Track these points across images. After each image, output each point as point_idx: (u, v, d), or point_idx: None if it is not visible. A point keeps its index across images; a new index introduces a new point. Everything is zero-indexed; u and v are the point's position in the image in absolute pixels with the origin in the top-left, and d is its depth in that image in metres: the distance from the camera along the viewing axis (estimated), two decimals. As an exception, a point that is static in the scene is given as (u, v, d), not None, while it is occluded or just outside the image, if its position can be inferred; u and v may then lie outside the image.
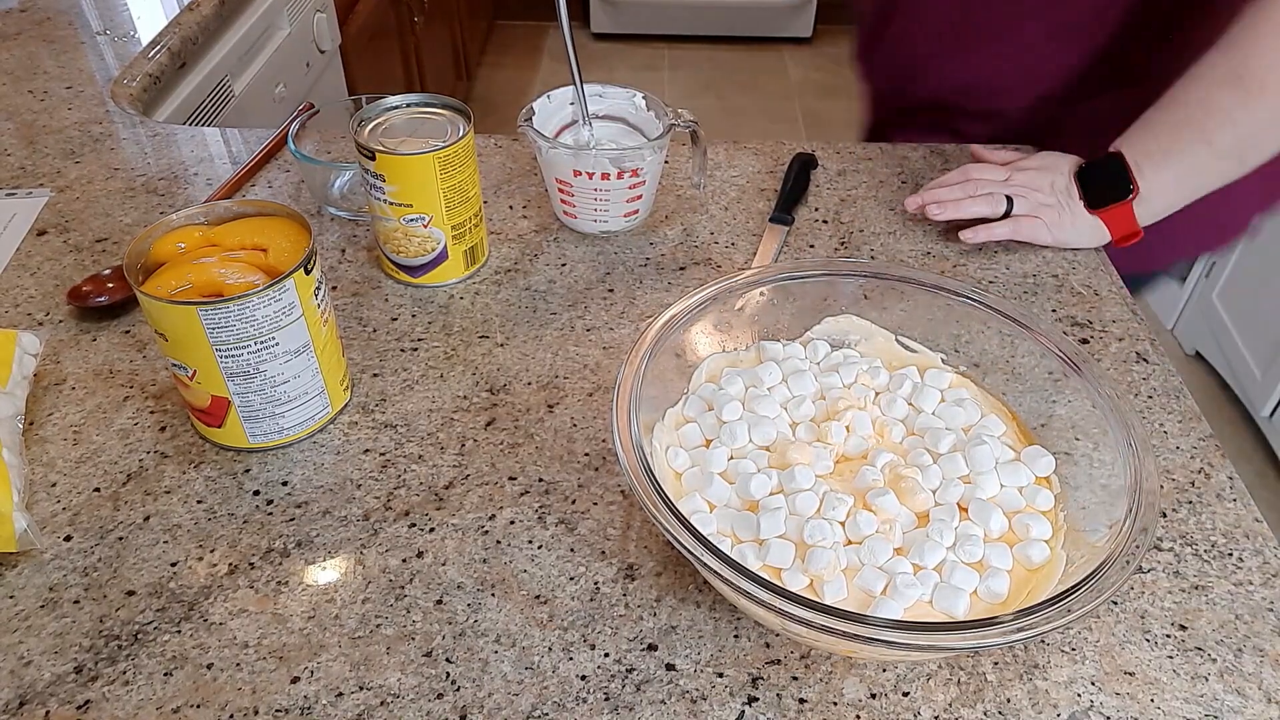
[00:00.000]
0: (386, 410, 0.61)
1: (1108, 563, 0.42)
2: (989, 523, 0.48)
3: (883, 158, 0.86)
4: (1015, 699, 0.46)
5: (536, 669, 0.47)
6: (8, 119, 0.91)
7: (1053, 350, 0.54)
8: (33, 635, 0.48)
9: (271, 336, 0.53)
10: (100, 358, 0.64)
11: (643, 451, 0.47)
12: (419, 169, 0.64)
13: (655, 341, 0.53)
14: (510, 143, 0.87)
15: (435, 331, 0.67)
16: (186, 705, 0.46)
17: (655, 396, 0.53)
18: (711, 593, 0.51)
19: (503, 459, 0.58)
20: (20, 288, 0.70)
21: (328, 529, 0.54)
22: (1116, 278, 0.72)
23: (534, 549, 0.53)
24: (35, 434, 0.59)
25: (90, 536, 0.53)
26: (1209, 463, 0.58)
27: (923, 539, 0.47)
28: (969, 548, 0.47)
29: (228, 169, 0.84)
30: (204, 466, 0.57)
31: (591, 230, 0.76)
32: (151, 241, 0.55)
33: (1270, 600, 0.51)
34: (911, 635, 0.40)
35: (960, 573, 0.46)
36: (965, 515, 0.49)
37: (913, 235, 0.77)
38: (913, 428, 0.54)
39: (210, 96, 1.11)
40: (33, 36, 1.06)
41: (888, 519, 0.48)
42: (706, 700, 0.46)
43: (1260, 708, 0.46)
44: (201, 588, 0.51)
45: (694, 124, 0.73)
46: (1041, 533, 0.48)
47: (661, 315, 0.54)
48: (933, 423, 0.54)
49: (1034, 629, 0.40)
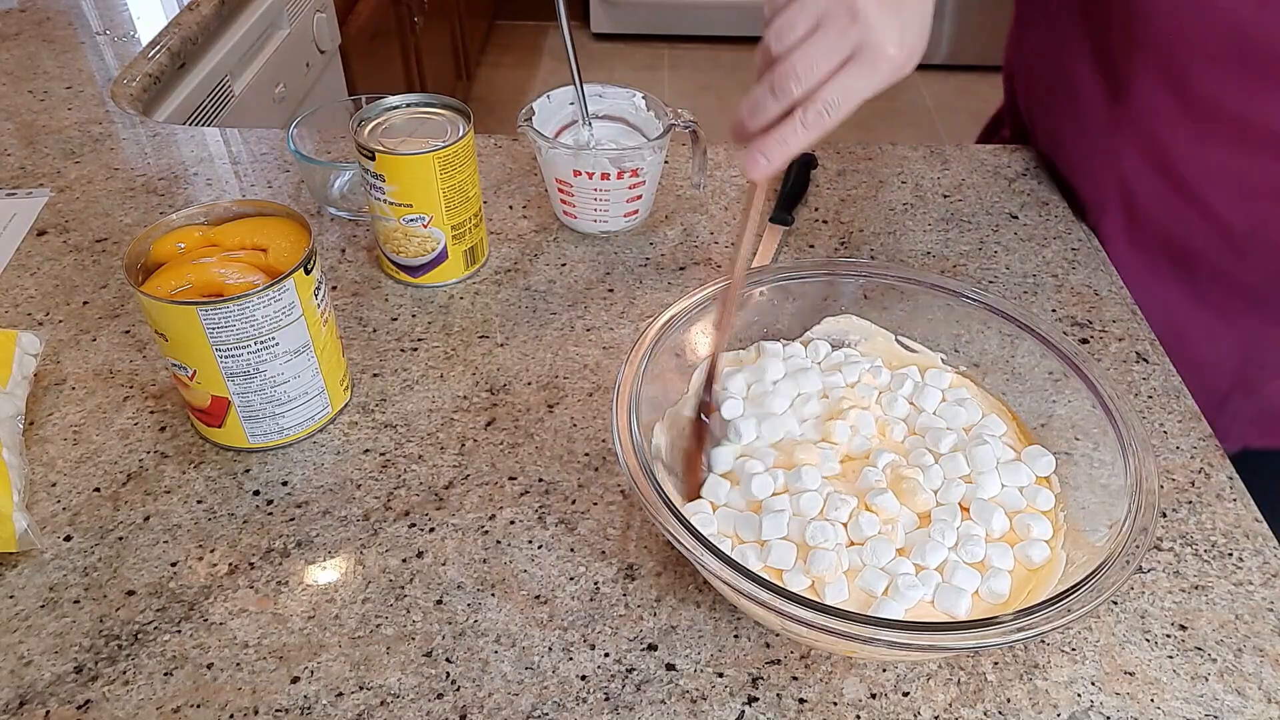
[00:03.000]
0: (386, 410, 0.61)
1: (1108, 563, 0.42)
2: (991, 522, 0.48)
3: (882, 157, 0.86)
4: (1015, 699, 0.46)
5: (536, 669, 0.47)
6: (8, 119, 0.91)
7: (1053, 350, 0.54)
8: (33, 635, 0.48)
9: (271, 336, 0.53)
10: (100, 358, 0.64)
11: (643, 451, 0.47)
12: (419, 169, 0.64)
13: (655, 341, 0.53)
14: (510, 143, 0.87)
15: (435, 331, 0.67)
16: (186, 705, 0.46)
17: (655, 396, 0.53)
18: (711, 593, 0.51)
19: (503, 459, 0.58)
20: (20, 288, 0.70)
21: (328, 529, 0.54)
22: (1116, 278, 0.72)
23: (534, 549, 0.53)
24: (35, 434, 0.59)
25: (90, 536, 0.53)
26: (1209, 463, 0.58)
27: (924, 539, 0.47)
28: (971, 548, 0.47)
29: (228, 169, 0.84)
30: (204, 466, 0.57)
31: (591, 230, 0.76)
32: (151, 241, 0.55)
33: (1270, 600, 0.51)
34: (912, 635, 0.40)
35: (962, 573, 0.46)
36: (967, 515, 0.49)
37: (912, 235, 0.77)
38: (914, 427, 0.54)
39: (210, 96, 1.11)
40: (33, 36, 1.06)
41: (890, 519, 0.48)
42: (706, 700, 0.46)
43: (1260, 708, 0.46)
44: (201, 588, 0.51)
45: (694, 124, 0.73)
46: (1042, 532, 0.48)
47: (662, 315, 0.54)
48: (934, 422, 0.54)
49: (1034, 629, 0.40)
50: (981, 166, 0.84)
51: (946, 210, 0.79)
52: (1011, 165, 0.84)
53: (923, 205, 0.80)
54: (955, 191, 0.82)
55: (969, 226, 0.78)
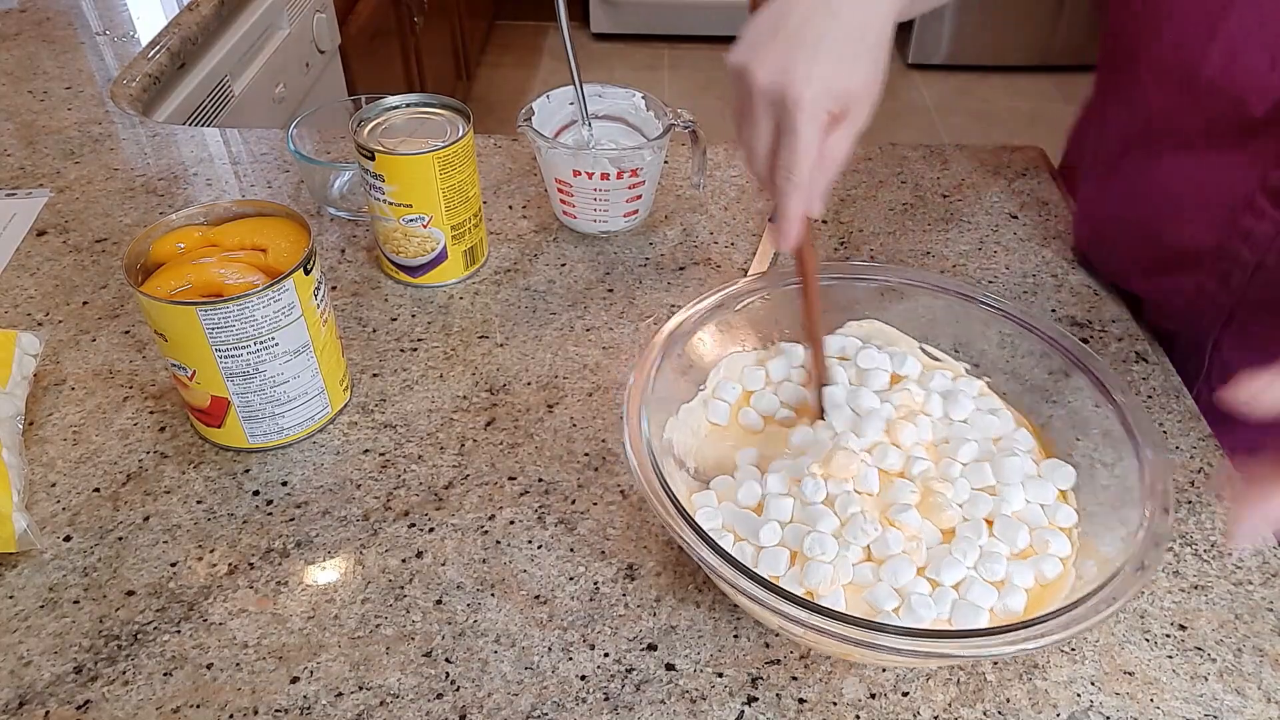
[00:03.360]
0: (386, 410, 0.61)
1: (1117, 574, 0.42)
2: (1015, 541, 0.47)
3: (882, 158, 0.86)
4: (1015, 699, 0.46)
5: (536, 669, 0.47)
6: (8, 119, 0.91)
7: (1056, 348, 0.53)
8: (32, 635, 0.48)
9: (271, 337, 0.53)
10: (100, 358, 0.64)
11: (652, 450, 0.46)
12: (419, 169, 0.64)
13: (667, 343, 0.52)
14: (510, 143, 0.87)
15: (435, 331, 0.67)
16: (186, 705, 0.46)
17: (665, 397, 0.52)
18: (711, 593, 0.51)
19: (502, 459, 0.58)
20: (20, 288, 0.70)
21: (327, 529, 0.54)
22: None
23: (534, 549, 0.53)
24: (35, 434, 0.59)
25: (90, 536, 0.53)
26: (1209, 463, 0.58)
27: (945, 555, 0.46)
28: (992, 565, 0.46)
29: (227, 169, 0.84)
30: (204, 466, 0.57)
31: (591, 230, 0.76)
32: (151, 242, 0.55)
33: (1270, 600, 0.51)
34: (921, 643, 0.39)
35: (979, 589, 0.45)
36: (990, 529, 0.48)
37: (912, 235, 0.77)
38: (944, 437, 0.53)
39: (210, 96, 1.11)
40: (32, 36, 1.06)
41: (913, 535, 0.47)
42: (706, 700, 0.46)
43: (1260, 708, 0.46)
44: (201, 588, 0.51)
45: (693, 124, 0.73)
46: (1060, 549, 0.47)
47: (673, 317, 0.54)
48: (964, 432, 0.53)
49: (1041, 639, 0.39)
50: (981, 166, 0.84)
51: (946, 210, 0.79)
52: (1011, 165, 0.85)
53: (922, 205, 0.80)
54: (955, 191, 0.82)
55: (969, 226, 0.78)
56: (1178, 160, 0.61)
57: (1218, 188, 0.60)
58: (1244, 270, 0.61)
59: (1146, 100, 0.62)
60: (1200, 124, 0.59)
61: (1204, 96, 0.57)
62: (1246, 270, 0.60)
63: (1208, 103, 0.57)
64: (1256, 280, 0.60)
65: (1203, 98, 0.57)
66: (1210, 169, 0.60)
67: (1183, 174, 0.61)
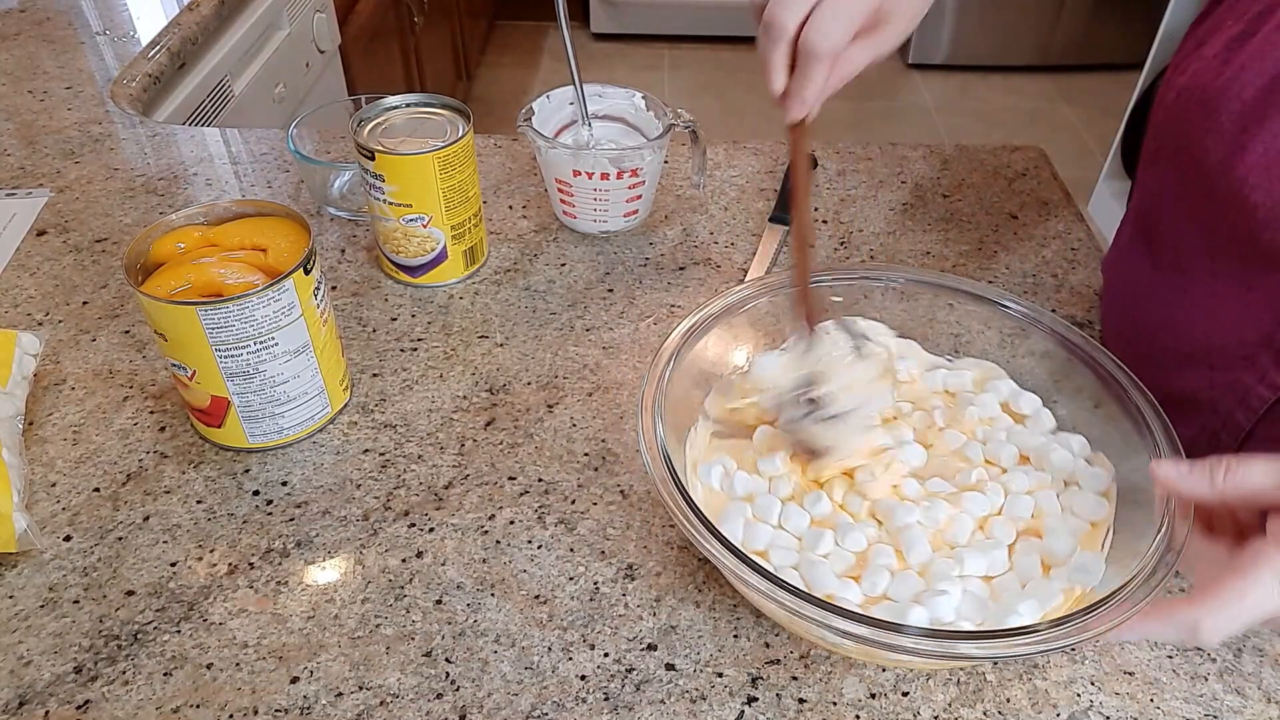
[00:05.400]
0: (386, 410, 0.61)
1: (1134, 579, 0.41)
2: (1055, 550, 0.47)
3: (882, 158, 0.86)
4: (1015, 699, 0.46)
5: (536, 669, 0.47)
6: (8, 119, 0.91)
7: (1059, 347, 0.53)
8: (32, 635, 0.48)
9: (271, 336, 0.53)
10: (100, 358, 0.64)
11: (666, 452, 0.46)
12: (419, 169, 0.64)
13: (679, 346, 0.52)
14: (510, 143, 0.87)
15: (435, 331, 0.67)
16: (186, 705, 0.46)
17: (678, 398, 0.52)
18: (711, 592, 0.51)
19: (502, 459, 0.58)
20: (20, 288, 0.70)
21: (327, 529, 0.54)
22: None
23: (534, 549, 0.53)
24: (35, 434, 0.59)
25: (90, 536, 0.53)
26: (1209, 462, 0.58)
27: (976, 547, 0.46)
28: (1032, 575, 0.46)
29: (227, 169, 0.84)
30: (204, 466, 0.57)
31: (591, 230, 0.76)
32: (151, 241, 0.55)
33: (1270, 600, 0.51)
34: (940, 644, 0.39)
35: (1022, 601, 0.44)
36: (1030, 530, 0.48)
37: (912, 235, 0.77)
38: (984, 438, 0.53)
39: (210, 96, 1.11)
40: (32, 36, 1.06)
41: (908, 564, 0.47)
42: (706, 700, 0.46)
43: (1260, 708, 0.46)
44: (201, 588, 0.51)
45: (694, 124, 0.73)
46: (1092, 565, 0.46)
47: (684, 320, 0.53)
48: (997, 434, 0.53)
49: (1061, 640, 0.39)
50: (981, 166, 0.84)
51: (946, 210, 0.79)
52: (1011, 165, 0.85)
53: (922, 205, 0.80)
54: (955, 191, 0.82)
55: (969, 226, 0.78)
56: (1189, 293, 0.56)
57: (1226, 330, 0.54)
58: (1233, 435, 0.56)
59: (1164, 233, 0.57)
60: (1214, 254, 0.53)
61: (1222, 221, 0.51)
62: (1237, 436, 0.56)
63: (1224, 227, 0.51)
64: (1247, 447, 0.55)
65: (1220, 223, 0.51)
66: (1222, 308, 0.54)
67: (1191, 310, 0.56)
